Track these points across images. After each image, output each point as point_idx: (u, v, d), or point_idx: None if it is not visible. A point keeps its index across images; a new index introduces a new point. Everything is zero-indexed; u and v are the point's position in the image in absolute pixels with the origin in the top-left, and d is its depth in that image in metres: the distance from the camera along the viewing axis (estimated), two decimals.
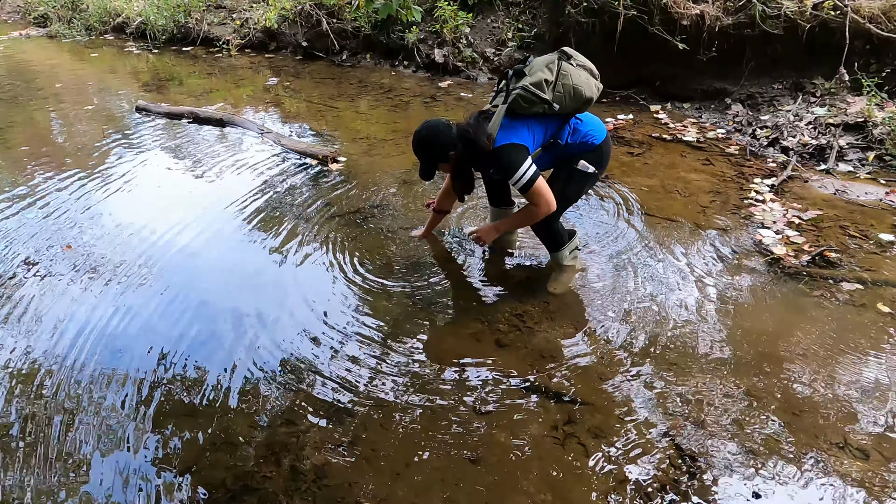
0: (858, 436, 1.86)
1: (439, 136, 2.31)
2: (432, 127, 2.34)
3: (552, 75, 2.26)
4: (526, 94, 2.26)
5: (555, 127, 2.38)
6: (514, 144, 2.28)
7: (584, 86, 2.28)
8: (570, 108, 2.31)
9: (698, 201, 3.29)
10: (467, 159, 2.35)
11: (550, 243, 2.61)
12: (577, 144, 2.42)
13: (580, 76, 2.28)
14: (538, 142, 2.37)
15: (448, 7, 5.72)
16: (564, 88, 2.26)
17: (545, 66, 2.30)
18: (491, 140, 2.28)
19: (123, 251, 2.93)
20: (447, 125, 2.33)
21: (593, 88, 2.32)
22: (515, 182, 2.28)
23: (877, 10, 4.12)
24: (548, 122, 2.36)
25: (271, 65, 6.60)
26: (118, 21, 8.09)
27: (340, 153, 4.00)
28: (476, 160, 2.37)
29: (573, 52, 2.36)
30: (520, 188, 2.30)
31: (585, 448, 1.83)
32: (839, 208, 3.18)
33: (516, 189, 2.34)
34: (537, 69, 2.30)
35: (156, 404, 2.04)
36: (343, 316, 2.45)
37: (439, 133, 2.31)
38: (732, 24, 4.50)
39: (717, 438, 1.86)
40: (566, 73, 2.27)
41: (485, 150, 2.28)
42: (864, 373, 2.10)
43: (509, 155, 2.27)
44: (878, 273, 2.63)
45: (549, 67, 2.29)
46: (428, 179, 2.45)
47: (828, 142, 3.81)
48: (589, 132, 2.42)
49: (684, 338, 2.29)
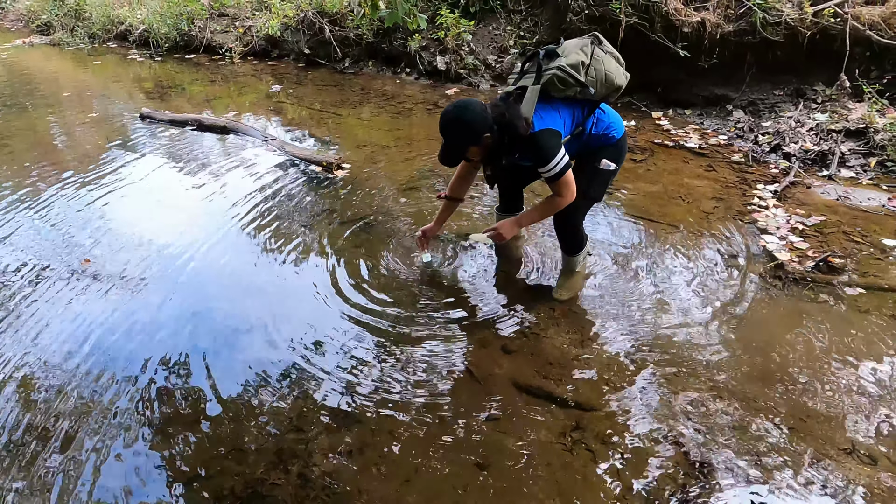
0: (866, 441, 1.86)
1: (475, 116, 2.06)
2: (466, 106, 2.08)
3: (587, 58, 2.16)
4: (562, 75, 2.12)
5: (581, 114, 2.26)
6: (551, 130, 2.14)
7: (615, 73, 2.20)
8: (601, 94, 2.21)
9: (701, 207, 3.30)
10: (502, 144, 2.14)
11: (572, 244, 2.54)
12: (600, 136, 2.32)
13: (611, 63, 2.20)
14: (568, 129, 2.24)
15: (450, 15, 5.76)
16: (597, 74, 2.16)
17: (579, 49, 2.18)
18: (529, 124, 2.10)
19: (126, 258, 2.94)
20: (482, 105, 2.11)
21: (622, 76, 2.23)
22: (549, 170, 2.13)
23: (877, 17, 4.15)
24: (575, 108, 2.25)
25: (274, 72, 6.63)
26: (121, 29, 8.13)
27: (344, 160, 4.02)
28: (511, 146, 2.15)
29: (602, 38, 2.29)
30: (550, 177, 2.15)
31: (594, 454, 1.84)
32: (842, 214, 3.19)
33: (545, 177, 2.18)
34: (571, 50, 2.18)
35: (162, 411, 2.05)
36: (349, 322, 2.45)
37: (475, 113, 2.07)
38: (733, 32, 4.53)
39: (724, 445, 1.86)
40: (598, 58, 2.18)
41: (522, 135, 2.10)
42: (870, 378, 2.11)
43: (548, 141, 2.12)
44: (883, 278, 2.64)
45: (582, 50, 2.18)
46: (452, 165, 2.22)
47: (829, 148, 3.82)
48: (611, 124, 2.32)
49: (690, 344, 2.29)
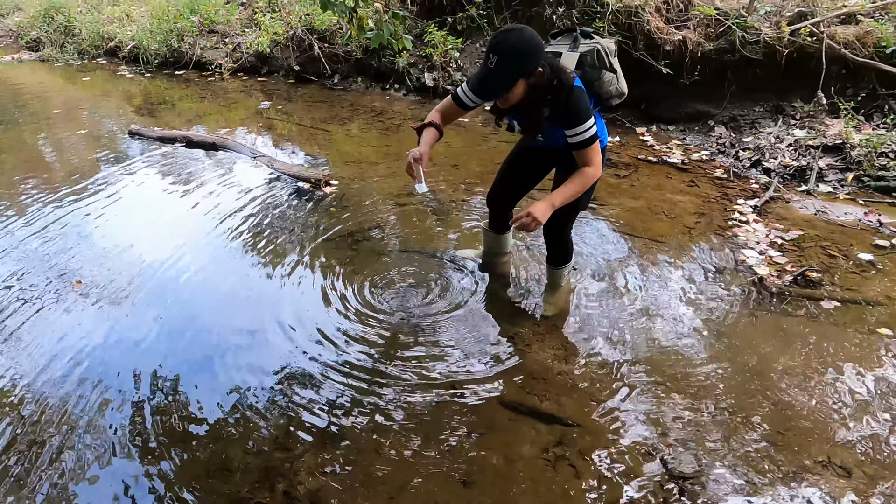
0: (842, 453, 1.91)
1: (538, 44, 1.88)
2: (530, 32, 1.88)
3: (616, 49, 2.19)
4: (603, 53, 2.10)
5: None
6: (585, 92, 2.05)
7: (622, 79, 2.21)
8: (609, 93, 2.19)
9: (684, 222, 3.36)
10: (551, 87, 1.96)
11: (561, 255, 2.56)
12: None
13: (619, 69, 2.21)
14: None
15: (438, 32, 5.85)
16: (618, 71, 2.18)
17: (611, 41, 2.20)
18: (571, 78, 1.99)
19: (115, 274, 2.94)
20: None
21: (625, 85, 2.24)
22: (581, 132, 1.99)
23: (851, 36, 4.27)
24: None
25: (263, 88, 6.68)
26: (111, 45, 8.15)
27: (333, 176, 4.06)
28: (557, 92, 1.97)
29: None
30: (582, 141, 2.01)
31: (576, 469, 1.86)
32: (820, 228, 3.27)
33: (576, 141, 2.02)
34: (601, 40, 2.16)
35: (148, 430, 2.05)
36: (335, 339, 2.47)
37: (538, 41, 1.88)
38: (714, 50, 4.65)
39: (706, 458, 1.90)
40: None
41: (567, 84, 1.96)
42: (847, 391, 2.16)
43: (585, 101, 2.01)
44: (858, 292, 2.70)
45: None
46: (494, 96, 2.00)
47: (808, 163, 3.92)
48: (601, 129, 2.24)
49: (672, 359, 2.34)
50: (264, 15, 7.12)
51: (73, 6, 8.94)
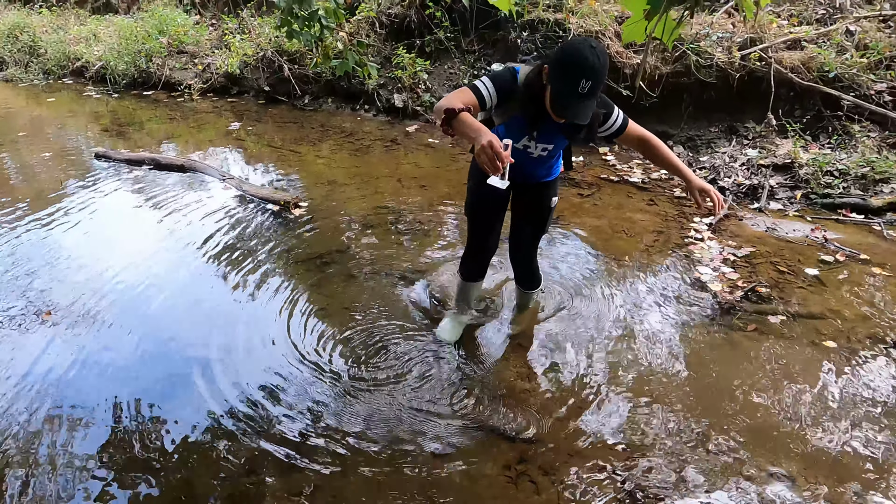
0: (786, 461, 2.02)
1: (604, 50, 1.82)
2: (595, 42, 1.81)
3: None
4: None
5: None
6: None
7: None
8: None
9: (643, 240, 3.50)
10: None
11: (535, 277, 2.64)
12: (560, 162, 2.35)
13: None
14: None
15: (406, 55, 5.97)
16: None
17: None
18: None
19: (79, 296, 2.93)
20: None
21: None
22: (618, 116, 2.05)
23: (797, 61, 4.53)
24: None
25: (233, 109, 6.69)
26: (77, 65, 8.07)
27: (303, 198, 4.10)
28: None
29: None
30: (620, 126, 2.07)
31: (536, 486, 1.93)
32: (770, 245, 3.43)
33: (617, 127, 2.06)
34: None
35: (114, 456, 2.05)
36: (302, 362, 2.51)
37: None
38: (670, 73, 4.86)
39: (663, 471, 1.99)
40: None
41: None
42: (794, 402, 2.28)
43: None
44: (805, 306, 2.85)
45: None
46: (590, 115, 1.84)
47: (760, 182, 4.11)
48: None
49: (630, 374, 2.43)
50: (234, 36, 7.16)
51: (37, 26, 8.83)
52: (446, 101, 1.80)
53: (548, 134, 2.07)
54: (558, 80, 1.77)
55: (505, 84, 1.92)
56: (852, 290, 2.97)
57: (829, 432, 2.14)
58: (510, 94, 1.92)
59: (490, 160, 1.62)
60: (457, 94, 1.86)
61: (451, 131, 1.75)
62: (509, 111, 1.99)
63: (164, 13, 7.97)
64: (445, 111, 1.73)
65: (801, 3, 5.34)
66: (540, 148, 2.12)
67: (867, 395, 2.31)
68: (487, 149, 1.60)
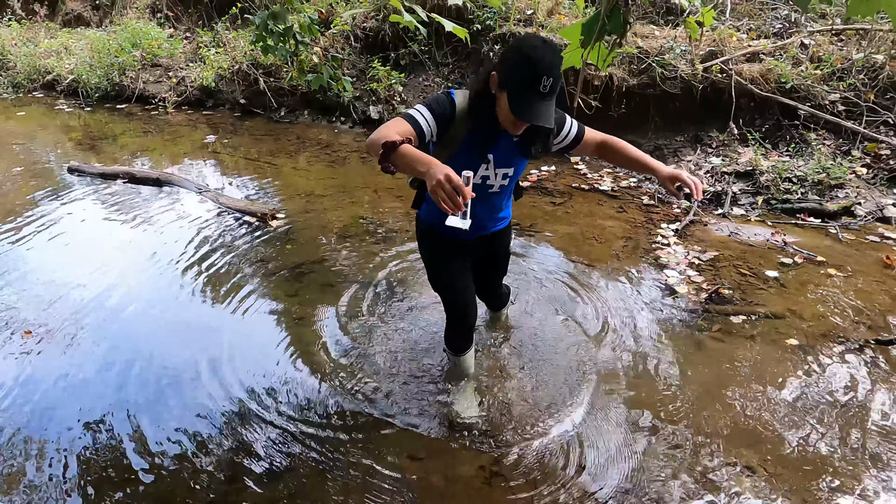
0: (747, 453, 2.12)
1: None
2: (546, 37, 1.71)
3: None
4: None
5: None
6: None
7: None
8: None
9: (613, 246, 3.62)
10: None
11: (505, 298, 2.69)
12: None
13: None
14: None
15: (381, 68, 6.06)
16: None
17: None
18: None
19: (54, 311, 2.92)
20: None
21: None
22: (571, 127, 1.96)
23: (756, 73, 4.73)
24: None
25: (209, 122, 6.69)
26: (48, 79, 7.97)
27: (280, 209, 4.13)
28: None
29: None
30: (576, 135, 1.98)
31: (511, 486, 2.00)
32: (733, 249, 3.58)
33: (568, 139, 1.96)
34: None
35: (91, 472, 2.06)
36: (280, 371, 2.54)
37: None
38: (637, 85, 5.03)
39: (628, 472, 2.07)
40: None
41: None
42: (756, 398, 2.39)
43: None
44: (765, 306, 2.99)
45: None
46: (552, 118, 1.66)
47: (723, 188, 4.28)
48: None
49: (599, 375, 2.52)
50: (209, 49, 7.16)
51: (6, 39, 8.70)
52: (380, 133, 1.58)
53: (504, 155, 1.86)
54: (516, 81, 1.59)
55: (443, 110, 1.72)
56: (810, 291, 3.12)
57: (789, 425, 2.25)
58: (450, 121, 1.73)
59: (449, 196, 1.39)
60: (391, 125, 1.63)
61: (391, 168, 1.53)
62: (455, 140, 1.77)
63: (137, 26, 7.94)
64: (383, 145, 1.51)
65: (759, 18, 5.59)
66: (500, 175, 1.90)
67: (824, 389, 2.44)
68: (444, 183, 1.39)
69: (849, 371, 2.54)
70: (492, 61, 1.69)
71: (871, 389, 2.43)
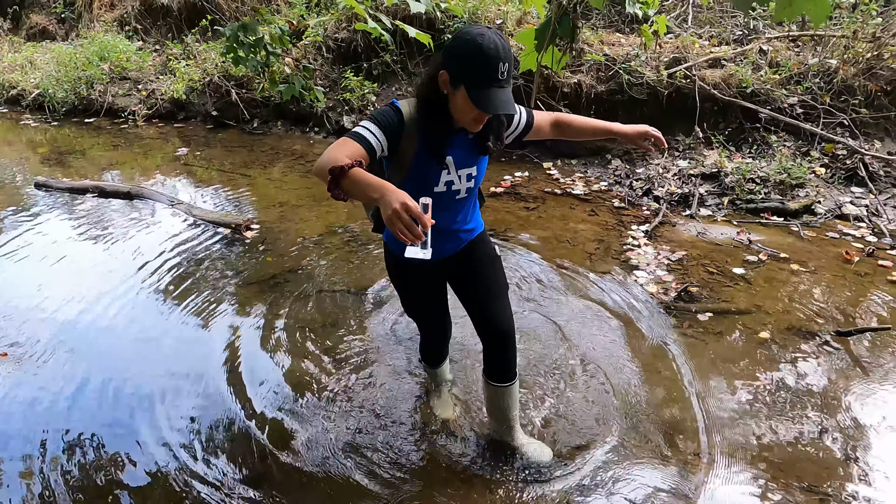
0: (726, 448, 2.19)
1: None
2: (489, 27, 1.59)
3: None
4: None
5: None
6: None
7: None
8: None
9: (585, 249, 3.69)
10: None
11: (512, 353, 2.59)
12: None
13: None
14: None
15: (354, 78, 6.09)
16: None
17: None
18: None
19: (25, 329, 2.86)
20: None
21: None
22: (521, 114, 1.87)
23: (718, 78, 4.89)
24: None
25: (181, 134, 6.63)
26: (13, 93, 7.82)
27: (254, 220, 4.12)
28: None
29: None
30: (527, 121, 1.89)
31: (491, 491, 2.04)
32: (701, 248, 3.69)
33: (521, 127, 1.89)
34: None
35: (57, 495, 2.03)
36: (258, 383, 2.54)
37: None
38: (605, 91, 5.16)
39: (608, 469, 2.12)
40: None
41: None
42: (723, 390, 2.47)
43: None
44: (731, 303, 3.08)
45: None
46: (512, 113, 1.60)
47: (690, 190, 4.41)
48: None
49: (570, 374, 2.57)
50: (179, 62, 7.11)
51: None
52: (328, 156, 1.45)
53: (463, 154, 1.74)
54: (472, 74, 1.50)
55: (391, 121, 1.61)
56: (775, 287, 3.23)
57: (753, 416, 2.33)
58: (399, 132, 1.62)
59: (408, 227, 1.28)
60: (338, 146, 1.51)
61: (342, 195, 1.41)
62: (408, 153, 1.66)
63: (104, 39, 7.84)
64: (330, 171, 1.39)
65: (719, 25, 5.78)
66: (464, 177, 1.76)
67: (789, 380, 2.53)
68: (401, 213, 1.27)
69: (811, 362, 2.63)
70: (433, 63, 1.60)
71: (832, 379, 2.53)
